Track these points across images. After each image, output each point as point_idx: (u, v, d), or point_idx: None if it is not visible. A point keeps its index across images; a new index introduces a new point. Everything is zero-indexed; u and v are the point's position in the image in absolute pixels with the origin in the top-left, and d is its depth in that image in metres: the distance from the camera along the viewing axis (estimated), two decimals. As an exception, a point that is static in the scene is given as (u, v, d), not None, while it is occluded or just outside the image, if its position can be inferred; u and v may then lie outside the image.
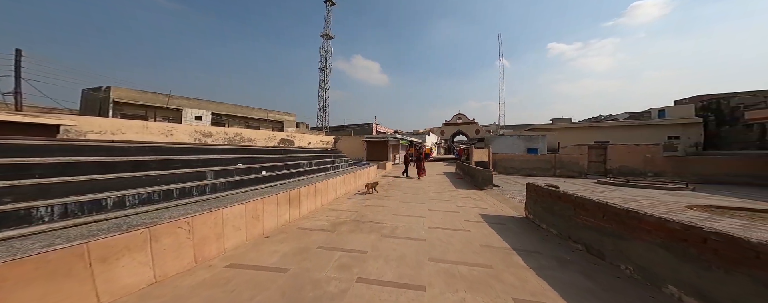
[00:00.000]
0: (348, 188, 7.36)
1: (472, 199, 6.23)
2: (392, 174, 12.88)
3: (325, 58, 44.00)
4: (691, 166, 10.05)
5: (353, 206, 5.67)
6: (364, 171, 9.07)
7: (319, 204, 5.26)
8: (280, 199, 3.80)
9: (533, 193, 4.06)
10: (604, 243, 2.38)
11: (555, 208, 3.35)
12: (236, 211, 2.92)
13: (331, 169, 8.28)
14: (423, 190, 7.87)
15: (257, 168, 4.83)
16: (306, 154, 8.26)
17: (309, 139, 13.75)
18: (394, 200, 6.34)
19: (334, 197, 6.24)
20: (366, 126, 34.41)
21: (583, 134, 20.13)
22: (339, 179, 6.38)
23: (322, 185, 5.37)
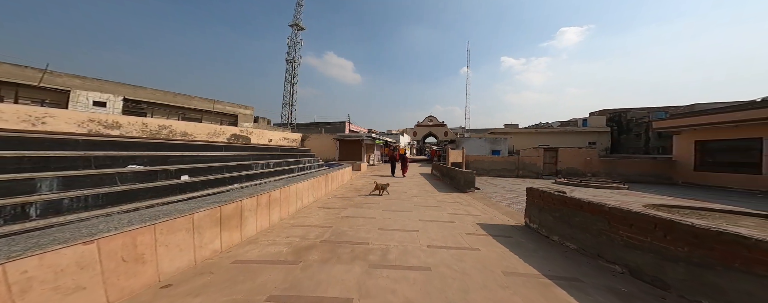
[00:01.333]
0: (319, 194, 5.92)
1: (460, 204, 5.63)
2: (370, 175, 11.74)
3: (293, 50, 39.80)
4: (617, 167, 12.09)
5: (326, 218, 4.35)
6: (338, 172, 7.69)
7: (276, 219, 3.78)
8: (203, 219, 2.32)
9: (538, 200, 3.55)
10: (666, 269, 1.81)
11: (575, 219, 2.82)
12: (82, 255, 1.40)
13: (296, 171, 6.67)
14: (406, 194, 7.00)
15: (173, 171, 3.07)
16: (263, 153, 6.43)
17: (270, 135, 11.41)
18: (376, 207, 5.25)
19: (298, 207, 4.77)
20: (338, 125, 32.29)
21: (529, 139, 22.91)
22: (306, 184, 4.94)
23: (282, 193, 3.92)
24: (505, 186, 8.87)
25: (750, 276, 1.36)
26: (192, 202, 2.56)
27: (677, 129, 11.13)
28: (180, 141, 5.68)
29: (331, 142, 22.20)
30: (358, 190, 7.35)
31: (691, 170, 10.52)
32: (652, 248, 1.95)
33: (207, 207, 2.37)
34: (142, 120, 6.57)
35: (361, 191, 7.26)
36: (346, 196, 6.51)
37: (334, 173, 7.30)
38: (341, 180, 8.21)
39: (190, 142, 5.38)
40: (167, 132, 6.88)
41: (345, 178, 8.87)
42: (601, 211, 2.47)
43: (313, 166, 8.41)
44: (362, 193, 6.88)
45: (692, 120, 10.53)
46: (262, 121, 23.70)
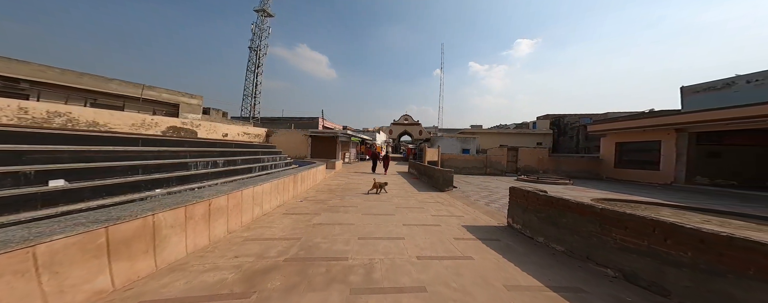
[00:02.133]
0: (285, 197, 4.99)
1: (441, 205, 5.43)
2: (346, 174, 10.92)
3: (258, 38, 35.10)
4: (561, 165, 14.03)
5: (294, 228, 3.57)
6: (309, 172, 6.75)
7: (221, 232, 2.89)
8: (67, 250, 1.40)
9: (522, 200, 3.47)
10: (667, 274, 1.73)
11: (562, 220, 2.75)
12: None
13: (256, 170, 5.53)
14: (386, 194, 6.53)
15: (30, 173, 1.92)
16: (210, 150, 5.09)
17: (225, 129, 9.54)
18: (355, 211, 4.63)
19: (257, 215, 3.85)
20: (311, 120, 29.97)
21: (491, 139, 25.23)
22: (268, 186, 4.02)
23: (231, 199, 3.05)
24: (478, 184, 9.23)
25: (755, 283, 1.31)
26: (57, 221, 1.54)
27: (604, 132, 13.44)
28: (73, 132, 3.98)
29: (302, 139, 20.33)
30: (334, 192, 6.58)
31: (612, 167, 12.84)
32: (650, 252, 1.87)
33: (78, 230, 1.41)
34: (21, 103, 4.50)
35: (336, 192, 6.51)
36: (319, 198, 5.69)
37: (305, 173, 6.35)
38: (314, 180, 7.28)
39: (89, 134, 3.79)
40: (63, 121, 4.89)
41: (318, 177, 7.92)
42: (593, 212, 2.40)
43: (280, 164, 7.24)
44: (338, 195, 6.15)
45: (615, 125, 12.81)
46: (216, 113, 20.10)
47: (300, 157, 19.86)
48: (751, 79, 9.90)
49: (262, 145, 9.48)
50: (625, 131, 12.17)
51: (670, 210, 5.25)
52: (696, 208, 5.23)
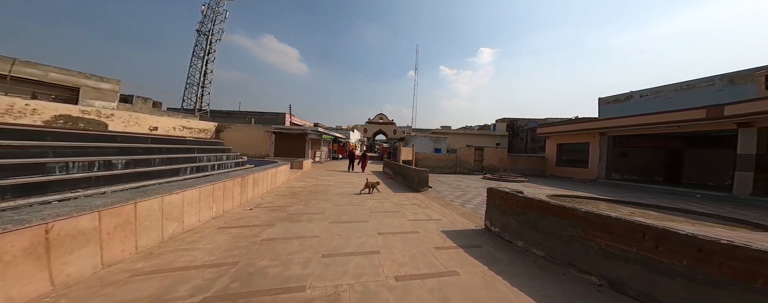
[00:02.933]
0: (225, 206, 3.91)
1: (418, 207, 5.08)
2: (315, 175, 9.76)
3: (210, 21, 29.62)
4: (517, 163, 15.70)
5: (229, 247, 2.69)
6: (267, 173, 5.61)
7: (90, 267, 1.83)
8: None
9: (500, 201, 3.31)
10: (658, 284, 1.59)
11: (542, 223, 2.60)
12: None
13: (186, 172, 4.22)
14: (359, 197, 5.87)
15: None
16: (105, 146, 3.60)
17: (154, 122, 7.38)
18: (321, 219, 3.88)
19: (172, 233, 2.79)
20: (276, 116, 26.91)
21: (459, 139, 27.00)
22: (193, 193, 3.00)
23: (108, 217, 2.03)
24: (451, 183, 9.37)
25: None
26: None
27: (548, 134, 15.52)
28: None
29: (262, 136, 17.92)
30: (297, 195, 5.61)
31: (554, 165, 14.92)
32: (639, 259, 1.74)
33: None
34: None
35: (300, 196, 5.56)
36: (276, 205, 4.69)
37: (260, 174, 5.22)
38: (273, 182, 6.12)
39: None
40: None
41: (279, 179, 6.75)
42: (575, 215, 2.26)
43: (228, 164, 5.85)
44: (303, 199, 5.23)
45: (556, 128, 14.89)
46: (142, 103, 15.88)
47: (261, 156, 17.46)
48: (642, 94, 12.43)
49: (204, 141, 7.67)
50: (564, 134, 14.24)
51: (606, 204, 6.09)
52: (623, 201, 6.19)
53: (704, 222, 4.21)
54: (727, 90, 9.30)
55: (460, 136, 28.16)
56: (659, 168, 12.20)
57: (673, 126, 9.07)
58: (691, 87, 10.71)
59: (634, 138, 11.58)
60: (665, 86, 11.67)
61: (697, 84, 10.60)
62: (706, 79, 10.31)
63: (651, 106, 11.49)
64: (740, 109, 6.89)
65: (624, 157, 11.95)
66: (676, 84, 11.32)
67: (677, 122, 8.73)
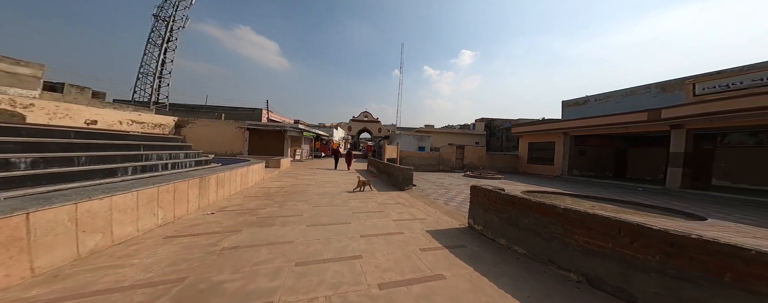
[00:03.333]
0: (180, 210, 3.35)
1: (403, 206, 4.95)
2: (295, 174, 9.09)
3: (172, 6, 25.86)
4: (494, 161, 16.65)
5: (175, 260, 2.29)
6: (235, 172, 4.99)
7: None
8: None
9: (483, 199, 3.30)
10: (633, 280, 1.63)
11: (524, 221, 2.61)
12: None
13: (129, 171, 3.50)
14: (341, 196, 5.55)
15: None
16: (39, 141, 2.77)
17: (93, 114, 6.07)
18: (297, 222, 3.54)
19: (98, 246, 2.27)
20: (252, 111, 24.81)
21: (442, 138, 27.92)
22: (126, 198, 2.48)
23: None
24: (434, 181, 9.48)
25: (748, 294, 1.26)
26: None
27: (521, 133, 16.71)
28: None
29: (234, 133, 16.37)
30: (272, 197, 5.09)
31: (526, 163, 16.15)
32: (616, 256, 1.77)
33: None
34: None
35: (275, 197, 5.05)
36: (246, 207, 4.17)
37: (226, 174, 4.60)
38: (244, 182, 5.48)
39: None
40: None
41: (251, 178, 6.09)
42: (554, 212, 2.28)
43: (186, 163, 5.07)
44: (278, 201, 4.75)
45: (528, 128, 16.09)
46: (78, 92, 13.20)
47: (232, 155, 15.93)
48: (597, 98, 14.03)
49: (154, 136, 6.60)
50: (534, 134, 15.45)
51: (571, 198, 6.69)
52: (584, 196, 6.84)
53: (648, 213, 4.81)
54: (660, 96, 10.73)
55: (442, 134, 29.04)
56: (610, 165, 13.90)
57: (621, 127, 10.31)
58: (633, 93, 12.21)
59: (591, 138, 13.01)
60: (614, 92, 13.22)
61: (637, 90, 12.10)
62: (644, 87, 11.84)
63: (603, 109, 12.99)
64: (673, 112, 8.05)
65: (582, 155, 13.36)
66: (622, 90, 12.85)
67: (625, 123, 9.94)
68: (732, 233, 2.05)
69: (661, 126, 8.73)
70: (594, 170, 13.47)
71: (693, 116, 7.48)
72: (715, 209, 5.79)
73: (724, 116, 6.92)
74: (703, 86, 8.66)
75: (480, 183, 3.97)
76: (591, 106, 14.09)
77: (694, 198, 7.21)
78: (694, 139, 8.16)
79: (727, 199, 6.79)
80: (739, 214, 5.48)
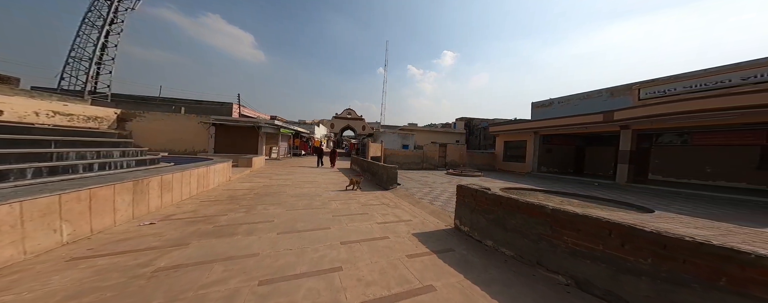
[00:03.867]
0: (91, 224, 2.68)
1: (387, 207, 4.69)
2: (269, 174, 8.19)
3: None
4: (474, 159, 17.42)
5: (81, 288, 1.67)
6: (191, 173, 4.24)
7: None
8: None
9: (470, 199, 3.19)
10: (623, 283, 1.58)
11: (511, 221, 2.53)
12: None
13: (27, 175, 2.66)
14: (321, 197, 5.09)
15: None
16: None
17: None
18: (267, 229, 3.09)
19: None
20: (220, 105, 22.28)
21: (424, 136, 28.46)
22: (4, 210, 1.68)
23: None
24: (418, 179, 9.42)
25: (744, 299, 1.23)
26: None
27: (498, 132, 17.72)
28: None
29: (196, 128, 14.50)
30: (237, 200, 4.42)
31: (502, 161, 17.20)
32: (606, 258, 1.72)
33: None
34: None
35: (242, 201, 4.40)
36: (200, 215, 3.52)
37: (178, 174, 3.85)
38: (202, 184, 4.69)
39: None
40: None
41: (213, 180, 5.26)
42: (543, 213, 2.20)
43: (121, 162, 4.12)
44: (244, 205, 4.12)
45: (503, 128, 17.10)
46: None
47: (194, 153, 14.06)
48: (560, 101, 15.45)
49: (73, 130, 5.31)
50: (509, 133, 16.48)
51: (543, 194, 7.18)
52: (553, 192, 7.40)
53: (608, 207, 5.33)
54: (610, 101, 12.04)
55: (425, 133, 29.56)
56: (571, 162, 15.47)
57: (582, 127, 11.44)
58: (588, 97, 13.60)
59: (556, 137, 14.28)
60: (573, 95, 14.63)
61: (591, 95, 13.51)
62: (597, 92, 13.29)
63: (564, 111, 14.38)
64: (623, 114, 9.12)
65: (549, 152, 14.61)
66: (579, 94, 14.29)
67: (584, 124, 11.04)
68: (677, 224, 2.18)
69: (613, 127, 9.85)
70: (558, 167, 14.84)
71: (638, 118, 8.55)
72: (657, 201, 6.66)
73: (661, 118, 8.01)
74: (646, 91, 9.96)
75: (464, 182, 3.88)
76: (554, 108, 15.39)
77: (639, 191, 8.27)
78: (637, 138, 9.37)
79: (665, 192, 7.91)
80: (677, 205, 6.35)
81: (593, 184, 9.85)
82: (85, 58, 20.46)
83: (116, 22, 23.10)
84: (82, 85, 19.81)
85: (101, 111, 12.77)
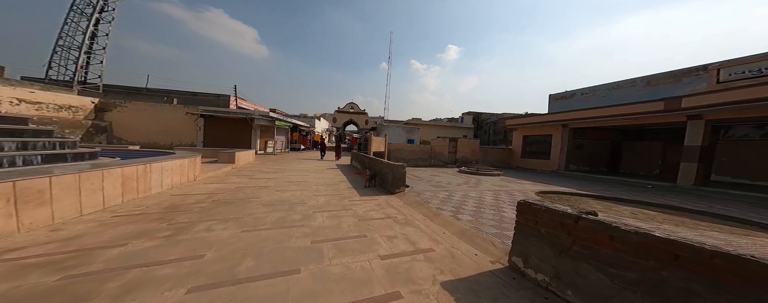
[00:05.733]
0: None
1: (395, 222, 3.28)
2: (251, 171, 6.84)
3: None
4: (487, 155, 15.73)
5: None
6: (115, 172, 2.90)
7: None
8: None
9: (552, 229, 1.76)
10: None
11: (672, 282, 1.02)
12: None
13: None
14: (304, 205, 3.70)
15: None
16: None
17: None
18: (182, 275, 1.58)
19: None
20: (216, 98, 21.20)
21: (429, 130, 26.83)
22: None
23: None
24: (428, 179, 7.94)
25: None
26: None
27: (516, 126, 15.89)
28: None
29: (183, 120, 13.32)
30: (175, 214, 3.10)
31: (520, 157, 15.45)
32: None
33: None
34: None
35: (180, 215, 3.09)
36: (78, 245, 2.19)
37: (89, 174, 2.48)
38: (135, 189, 3.37)
39: None
40: None
41: (158, 182, 3.96)
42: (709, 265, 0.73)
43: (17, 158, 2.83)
44: (177, 223, 2.79)
45: (523, 121, 15.27)
46: None
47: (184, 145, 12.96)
48: (583, 92, 13.92)
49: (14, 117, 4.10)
50: (530, 126, 14.66)
51: (595, 201, 5.56)
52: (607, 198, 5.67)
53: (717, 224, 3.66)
54: (645, 91, 10.59)
55: (430, 127, 27.89)
56: (604, 159, 13.59)
57: (628, 118, 9.59)
58: (620, 87, 12.04)
59: (589, 130, 12.42)
60: (599, 86, 13.16)
61: (623, 85, 11.95)
62: (629, 81, 11.66)
63: (591, 102, 12.81)
64: (696, 101, 7.27)
65: (579, 148, 12.79)
66: (607, 84, 12.74)
67: (634, 114, 9.18)
68: None
69: (676, 117, 7.98)
70: (589, 165, 13.05)
71: (718, 105, 6.70)
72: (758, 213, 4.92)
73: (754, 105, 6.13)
74: (731, 72, 7.97)
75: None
76: (577, 100, 14.06)
77: (714, 197, 6.49)
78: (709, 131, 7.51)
79: (754, 199, 6.09)
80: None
81: (645, 186, 8.11)
82: (74, 47, 19.55)
83: (107, 9, 22.03)
84: (71, 75, 18.96)
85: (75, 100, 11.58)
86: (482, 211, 4.04)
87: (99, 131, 10.98)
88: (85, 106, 12.08)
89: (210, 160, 8.48)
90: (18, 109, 7.58)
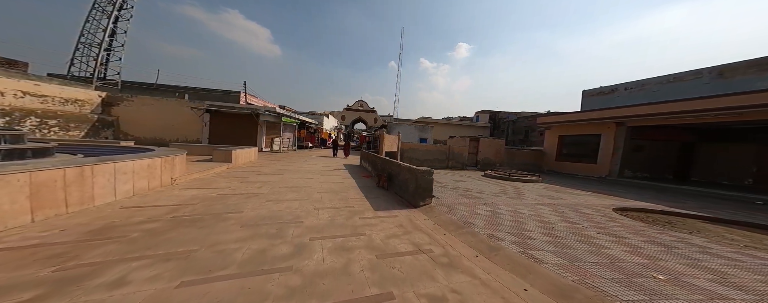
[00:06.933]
0: None
1: (433, 262, 2.10)
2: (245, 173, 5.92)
3: None
4: (514, 157, 13.95)
5: None
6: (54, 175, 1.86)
7: None
8: None
9: None
10: None
11: None
12: None
13: None
14: (301, 225, 2.56)
15: None
16: None
17: None
18: None
19: None
20: (227, 94, 21.21)
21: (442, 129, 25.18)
22: None
23: None
24: (453, 186, 6.60)
25: None
26: None
27: (549, 125, 13.92)
28: None
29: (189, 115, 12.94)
30: (97, 244, 2.10)
31: (554, 160, 13.49)
32: None
33: None
34: None
35: (104, 246, 2.05)
36: None
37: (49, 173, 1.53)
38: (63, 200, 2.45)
39: None
40: None
41: (110, 188, 3.07)
42: None
43: None
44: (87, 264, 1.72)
45: (562, 118, 13.27)
46: None
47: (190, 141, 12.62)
48: (627, 87, 12.27)
49: None
50: (570, 125, 12.67)
51: (712, 224, 4.01)
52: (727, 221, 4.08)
53: None
54: (714, 83, 9.10)
55: (442, 126, 26.24)
56: (669, 163, 11.33)
57: (709, 114, 7.57)
58: (678, 80, 10.41)
59: (650, 129, 10.27)
60: (650, 79, 11.60)
61: (684, 77, 10.28)
62: (694, 72, 10.05)
63: (638, 98, 11.19)
64: None
65: (638, 150, 10.70)
66: (659, 77, 11.20)
67: (737, 108, 7.10)
68: None
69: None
70: (650, 170, 10.91)
71: None
72: None
73: None
74: None
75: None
76: (620, 96, 12.39)
77: None
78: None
79: None
80: None
81: (755, 202, 6.17)
82: (95, 45, 20.37)
83: (126, 7, 22.81)
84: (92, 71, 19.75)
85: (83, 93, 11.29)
86: (564, 243, 2.70)
87: (105, 126, 10.81)
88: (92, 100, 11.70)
89: (207, 157, 7.77)
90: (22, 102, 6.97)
